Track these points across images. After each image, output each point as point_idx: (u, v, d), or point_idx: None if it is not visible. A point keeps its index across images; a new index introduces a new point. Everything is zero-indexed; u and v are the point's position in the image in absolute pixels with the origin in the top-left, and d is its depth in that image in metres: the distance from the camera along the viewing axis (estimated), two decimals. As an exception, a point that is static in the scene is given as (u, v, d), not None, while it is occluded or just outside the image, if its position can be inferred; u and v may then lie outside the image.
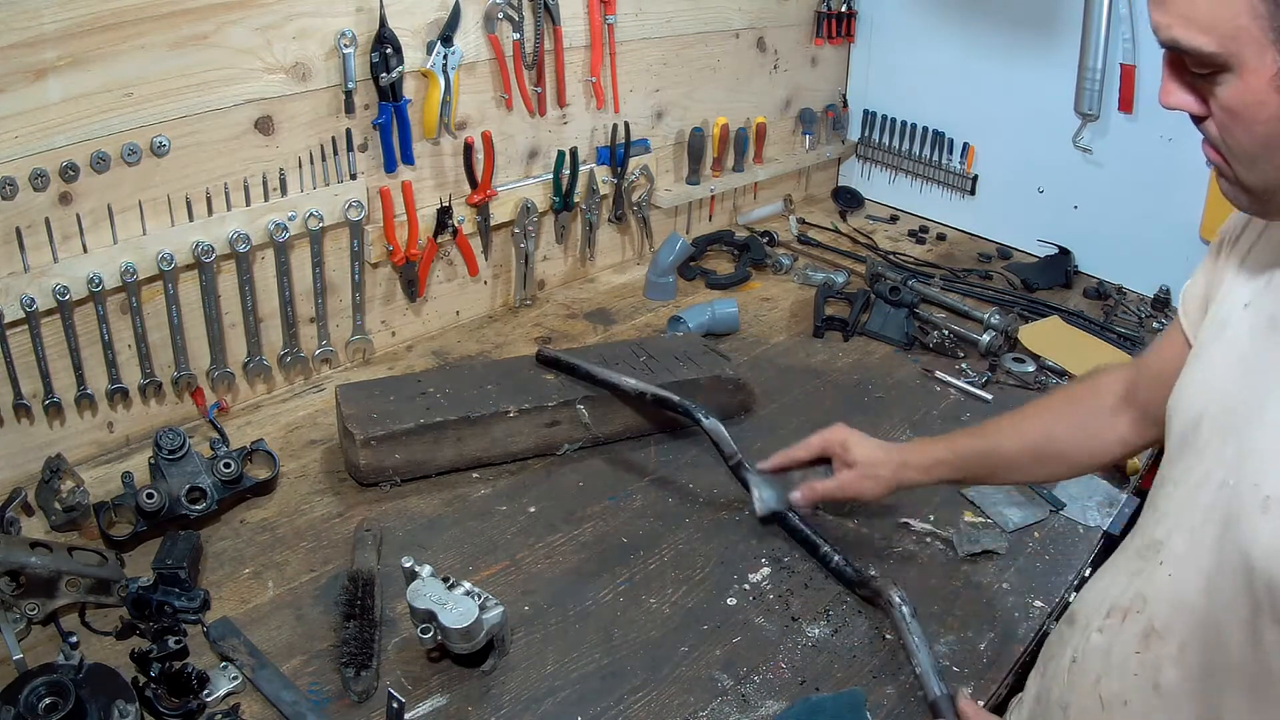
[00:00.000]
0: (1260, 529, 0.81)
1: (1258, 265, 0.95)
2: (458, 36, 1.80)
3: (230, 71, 1.56)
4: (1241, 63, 0.75)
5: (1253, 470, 0.84)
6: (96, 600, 1.27)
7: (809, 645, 1.31)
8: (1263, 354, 0.89)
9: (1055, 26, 2.34)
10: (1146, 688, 0.93)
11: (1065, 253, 2.46)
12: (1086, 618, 1.04)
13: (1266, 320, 0.90)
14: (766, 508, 1.42)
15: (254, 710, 1.16)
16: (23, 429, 1.53)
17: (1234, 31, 0.74)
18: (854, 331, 2.13)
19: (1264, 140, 0.78)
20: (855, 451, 1.35)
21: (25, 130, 1.38)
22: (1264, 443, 0.84)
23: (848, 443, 1.37)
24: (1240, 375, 0.90)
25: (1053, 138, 2.39)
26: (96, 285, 1.49)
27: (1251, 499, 0.83)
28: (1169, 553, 0.93)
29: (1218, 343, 0.96)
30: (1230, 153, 0.81)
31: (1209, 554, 0.88)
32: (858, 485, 1.35)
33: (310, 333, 1.85)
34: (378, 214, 1.84)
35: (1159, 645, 0.92)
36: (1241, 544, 0.83)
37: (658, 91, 2.31)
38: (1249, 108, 0.76)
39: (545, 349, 1.78)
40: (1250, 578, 0.82)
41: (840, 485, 1.37)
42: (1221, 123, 0.80)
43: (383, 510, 1.53)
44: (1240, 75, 0.75)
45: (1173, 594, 0.92)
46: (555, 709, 1.20)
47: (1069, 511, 1.60)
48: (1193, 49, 0.76)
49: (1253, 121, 0.77)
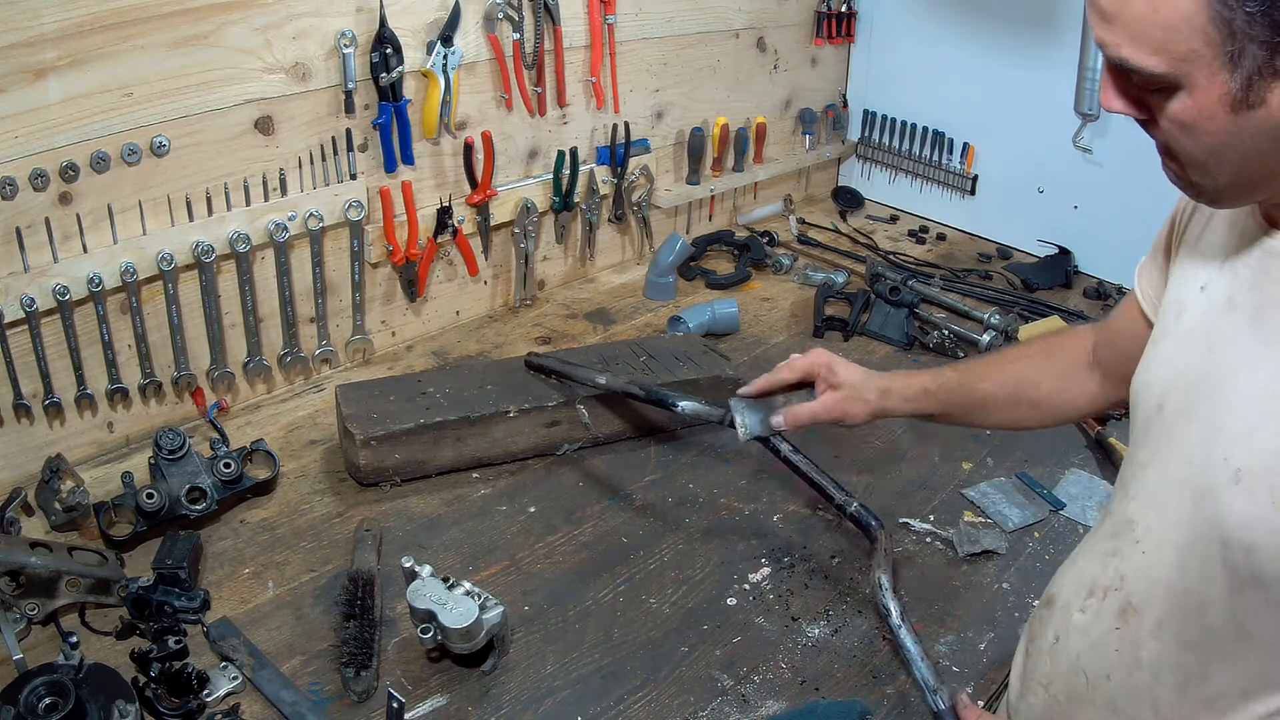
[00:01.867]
0: (1234, 501, 0.83)
1: (1211, 248, 0.96)
2: (458, 36, 1.80)
3: (230, 71, 1.56)
4: (1191, 82, 0.75)
5: (1221, 445, 0.86)
6: (96, 600, 1.27)
7: (809, 645, 1.31)
8: (1223, 333, 0.91)
9: (1055, 26, 2.34)
10: (1128, 662, 0.96)
11: (1065, 253, 2.46)
12: (1067, 599, 1.06)
13: (1224, 301, 0.92)
14: (749, 433, 1.36)
15: (254, 710, 1.16)
16: (23, 429, 1.53)
17: (1185, 54, 0.74)
18: (854, 331, 2.13)
19: (1211, 150, 0.79)
20: (841, 374, 1.30)
21: (25, 130, 1.38)
22: (1230, 417, 0.86)
23: (833, 365, 1.32)
24: (1202, 355, 0.92)
25: (1053, 138, 2.39)
26: (96, 285, 1.49)
27: (1221, 472, 0.85)
28: (1143, 530, 0.96)
29: (1178, 323, 0.98)
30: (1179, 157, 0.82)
31: (1182, 530, 0.90)
32: (842, 407, 1.30)
33: (310, 333, 1.85)
34: (378, 214, 1.84)
35: (1136, 621, 0.95)
36: (1214, 517, 0.86)
37: (658, 91, 2.31)
38: (1198, 121, 0.77)
39: (532, 358, 1.75)
40: (1226, 549, 0.85)
41: (825, 407, 1.31)
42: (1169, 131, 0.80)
43: (383, 510, 1.53)
44: (1190, 93, 0.76)
45: (1148, 570, 0.94)
46: (555, 709, 1.20)
47: (1069, 511, 1.60)
48: (1142, 69, 0.76)
49: (1202, 133, 0.78)
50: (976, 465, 1.71)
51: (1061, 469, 1.70)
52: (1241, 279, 0.90)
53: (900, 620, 1.23)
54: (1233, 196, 0.86)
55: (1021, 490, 1.64)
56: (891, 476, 1.67)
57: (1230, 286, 0.92)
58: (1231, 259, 0.92)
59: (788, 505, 1.59)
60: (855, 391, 1.30)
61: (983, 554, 1.48)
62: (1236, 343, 0.89)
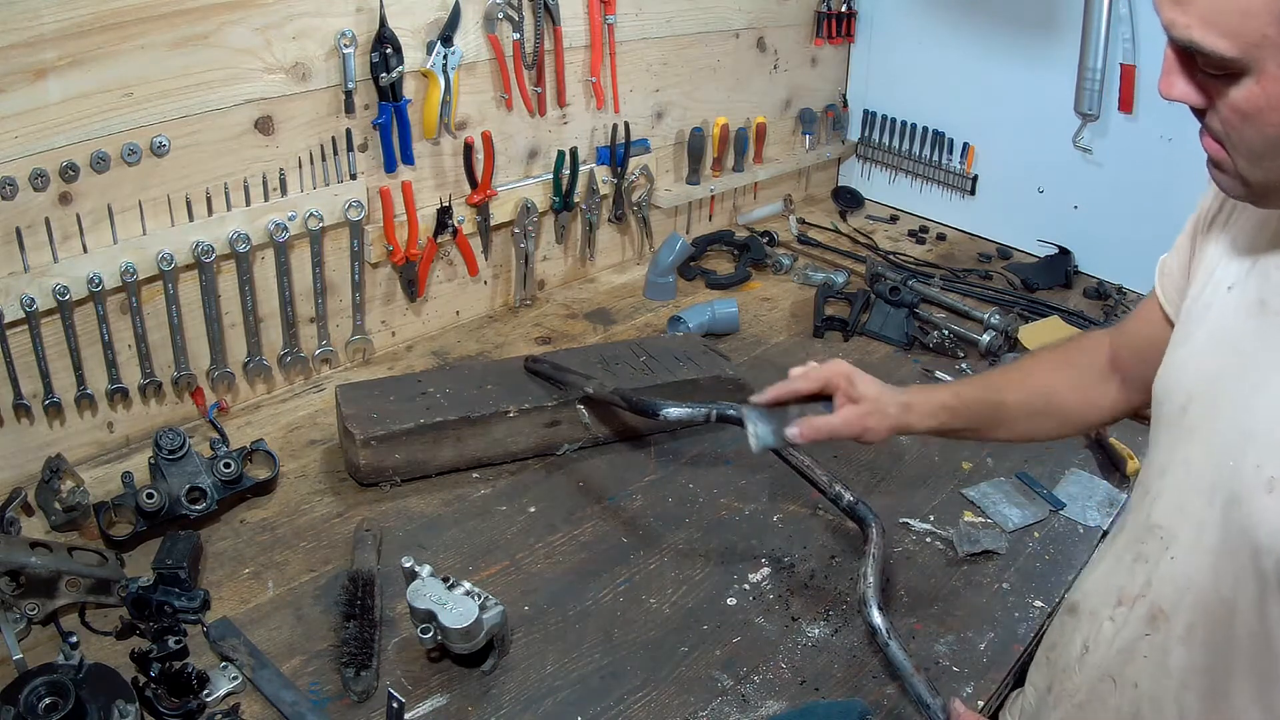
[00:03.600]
0: (1268, 508, 0.82)
1: (1240, 248, 0.95)
2: (458, 36, 1.80)
3: (230, 71, 1.56)
4: (1261, 68, 0.73)
5: (1255, 451, 0.85)
6: (96, 600, 1.27)
7: (809, 645, 1.31)
8: (1252, 336, 0.89)
9: (1055, 26, 2.34)
10: (1156, 669, 0.95)
11: (1065, 253, 2.46)
12: (1094, 608, 1.05)
13: (1254, 303, 0.90)
14: (762, 444, 1.28)
15: (254, 710, 1.16)
16: (23, 429, 1.53)
17: (1258, 39, 0.72)
18: (854, 331, 2.13)
19: (1274, 140, 0.77)
20: (861, 387, 1.24)
21: (25, 130, 1.38)
22: (1263, 424, 0.85)
23: (853, 377, 1.26)
24: (1230, 357, 0.91)
25: (1053, 138, 2.39)
26: (96, 285, 1.49)
27: (1254, 480, 0.84)
28: (1170, 535, 0.94)
29: (1202, 325, 0.96)
30: (1234, 148, 0.80)
31: (1213, 535, 0.89)
32: (863, 422, 1.24)
33: (310, 333, 1.85)
34: (378, 214, 1.84)
35: (1166, 627, 0.94)
36: (1247, 524, 0.84)
37: (658, 91, 2.31)
38: (1262, 111, 0.75)
39: (531, 363, 1.74)
40: (1258, 556, 0.84)
41: (845, 421, 1.24)
42: (1228, 120, 0.79)
43: (383, 510, 1.53)
44: (1258, 80, 0.74)
45: (1178, 576, 0.93)
46: (555, 709, 1.20)
47: (1069, 511, 1.60)
48: (1212, 52, 0.74)
49: (1264, 124, 0.76)
50: (976, 465, 1.70)
51: (1061, 469, 1.70)
52: (1273, 281, 0.89)
53: (889, 638, 1.20)
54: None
55: (1021, 490, 1.64)
56: (891, 476, 1.67)
57: (1261, 289, 0.90)
58: (1262, 260, 0.91)
59: (788, 505, 1.59)
60: (876, 406, 1.24)
61: (983, 554, 1.48)
62: (1270, 347, 0.87)
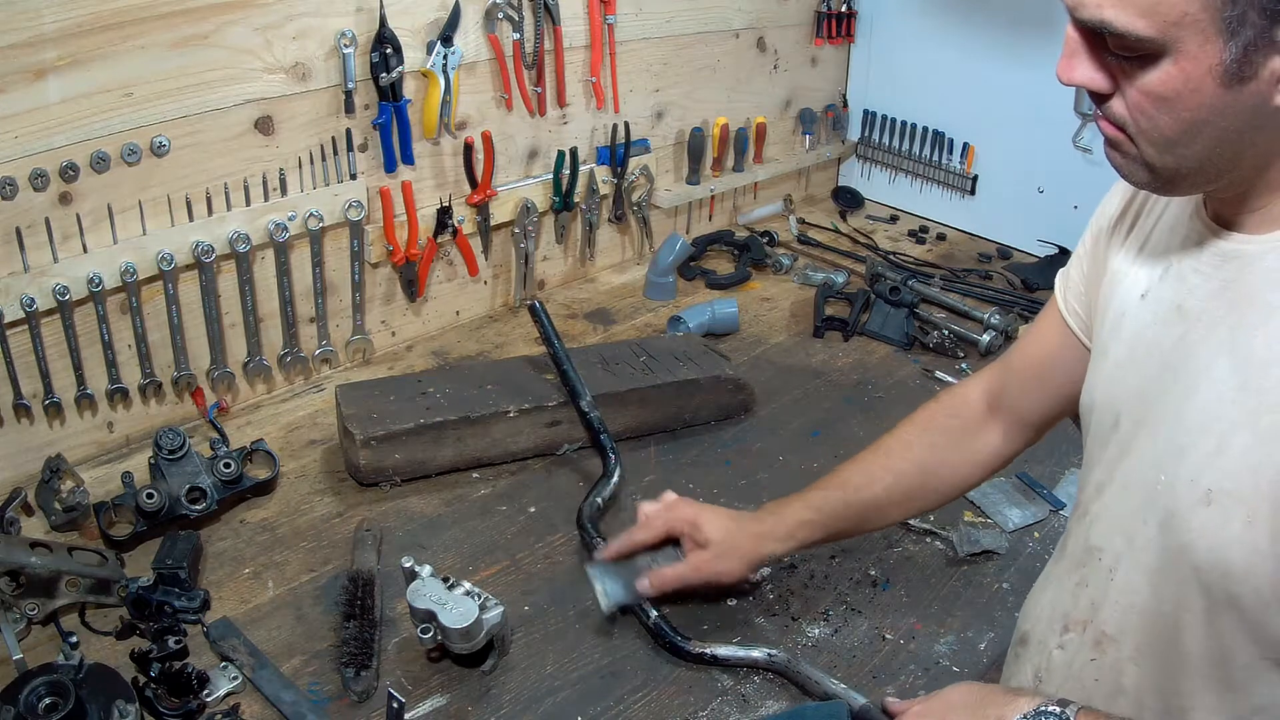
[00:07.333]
0: (1205, 522, 0.79)
1: (1150, 253, 0.91)
2: (458, 36, 1.80)
3: (230, 71, 1.56)
4: (1180, 50, 0.69)
5: (1188, 465, 0.81)
6: (96, 600, 1.27)
7: (809, 645, 1.31)
8: (1174, 344, 0.85)
9: (1055, 26, 2.33)
10: (1112, 690, 0.93)
11: (1065, 253, 2.46)
12: (1041, 636, 1.03)
13: (1171, 309, 0.86)
14: (612, 603, 1.24)
15: (254, 710, 1.16)
16: (23, 429, 1.53)
17: (1178, 17, 0.68)
18: (854, 331, 2.13)
19: (1188, 126, 0.73)
20: (707, 529, 1.22)
21: (25, 130, 1.38)
22: (1194, 436, 0.81)
23: (698, 520, 1.24)
24: (1154, 368, 0.87)
25: (1053, 138, 2.39)
26: (96, 285, 1.49)
27: (1189, 494, 0.81)
28: (1110, 557, 0.92)
29: (1117, 336, 0.92)
30: (1140, 134, 0.76)
31: (1151, 553, 0.86)
32: (713, 566, 1.22)
33: (310, 333, 1.85)
34: (378, 214, 1.84)
35: (1114, 649, 0.92)
36: (1185, 539, 0.82)
37: (658, 91, 2.31)
38: (1180, 95, 0.71)
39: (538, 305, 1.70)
40: (1198, 572, 0.81)
41: (695, 568, 1.23)
42: (1138, 104, 0.74)
43: (383, 510, 1.53)
44: (1176, 61, 0.70)
45: (1119, 597, 0.91)
46: (555, 709, 1.20)
47: (1069, 512, 1.59)
48: (1127, 32, 0.70)
49: (1181, 108, 0.72)
50: (976, 465, 1.70)
51: (1062, 469, 1.69)
52: (1191, 285, 0.85)
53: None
54: (1191, 183, 0.80)
55: (1021, 490, 1.64)
56: (891, 476, 1.67)
57: (1177, 293, 0.86)
58: (1176, 264, 0.87)
59: (788, 505, 1.59)
60: (726, 548, 1.22)
61: (983, 554, 1.48)
62: (1194, 354, 0.83)
